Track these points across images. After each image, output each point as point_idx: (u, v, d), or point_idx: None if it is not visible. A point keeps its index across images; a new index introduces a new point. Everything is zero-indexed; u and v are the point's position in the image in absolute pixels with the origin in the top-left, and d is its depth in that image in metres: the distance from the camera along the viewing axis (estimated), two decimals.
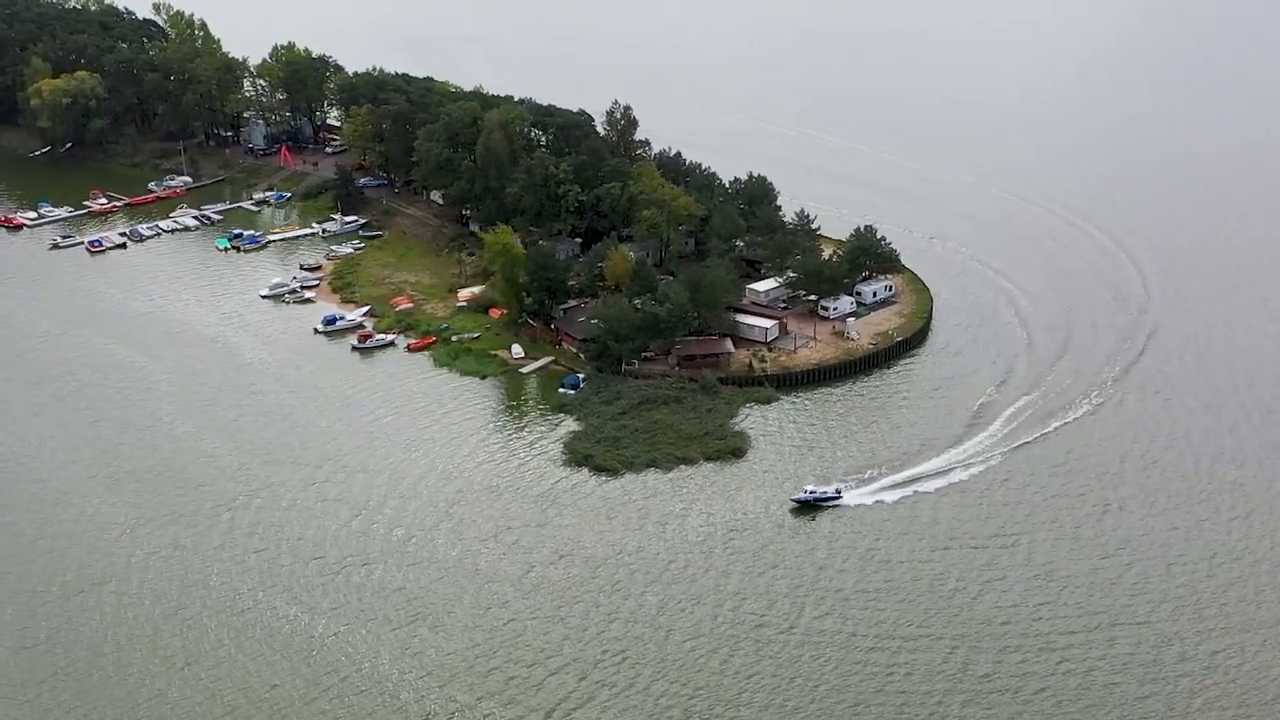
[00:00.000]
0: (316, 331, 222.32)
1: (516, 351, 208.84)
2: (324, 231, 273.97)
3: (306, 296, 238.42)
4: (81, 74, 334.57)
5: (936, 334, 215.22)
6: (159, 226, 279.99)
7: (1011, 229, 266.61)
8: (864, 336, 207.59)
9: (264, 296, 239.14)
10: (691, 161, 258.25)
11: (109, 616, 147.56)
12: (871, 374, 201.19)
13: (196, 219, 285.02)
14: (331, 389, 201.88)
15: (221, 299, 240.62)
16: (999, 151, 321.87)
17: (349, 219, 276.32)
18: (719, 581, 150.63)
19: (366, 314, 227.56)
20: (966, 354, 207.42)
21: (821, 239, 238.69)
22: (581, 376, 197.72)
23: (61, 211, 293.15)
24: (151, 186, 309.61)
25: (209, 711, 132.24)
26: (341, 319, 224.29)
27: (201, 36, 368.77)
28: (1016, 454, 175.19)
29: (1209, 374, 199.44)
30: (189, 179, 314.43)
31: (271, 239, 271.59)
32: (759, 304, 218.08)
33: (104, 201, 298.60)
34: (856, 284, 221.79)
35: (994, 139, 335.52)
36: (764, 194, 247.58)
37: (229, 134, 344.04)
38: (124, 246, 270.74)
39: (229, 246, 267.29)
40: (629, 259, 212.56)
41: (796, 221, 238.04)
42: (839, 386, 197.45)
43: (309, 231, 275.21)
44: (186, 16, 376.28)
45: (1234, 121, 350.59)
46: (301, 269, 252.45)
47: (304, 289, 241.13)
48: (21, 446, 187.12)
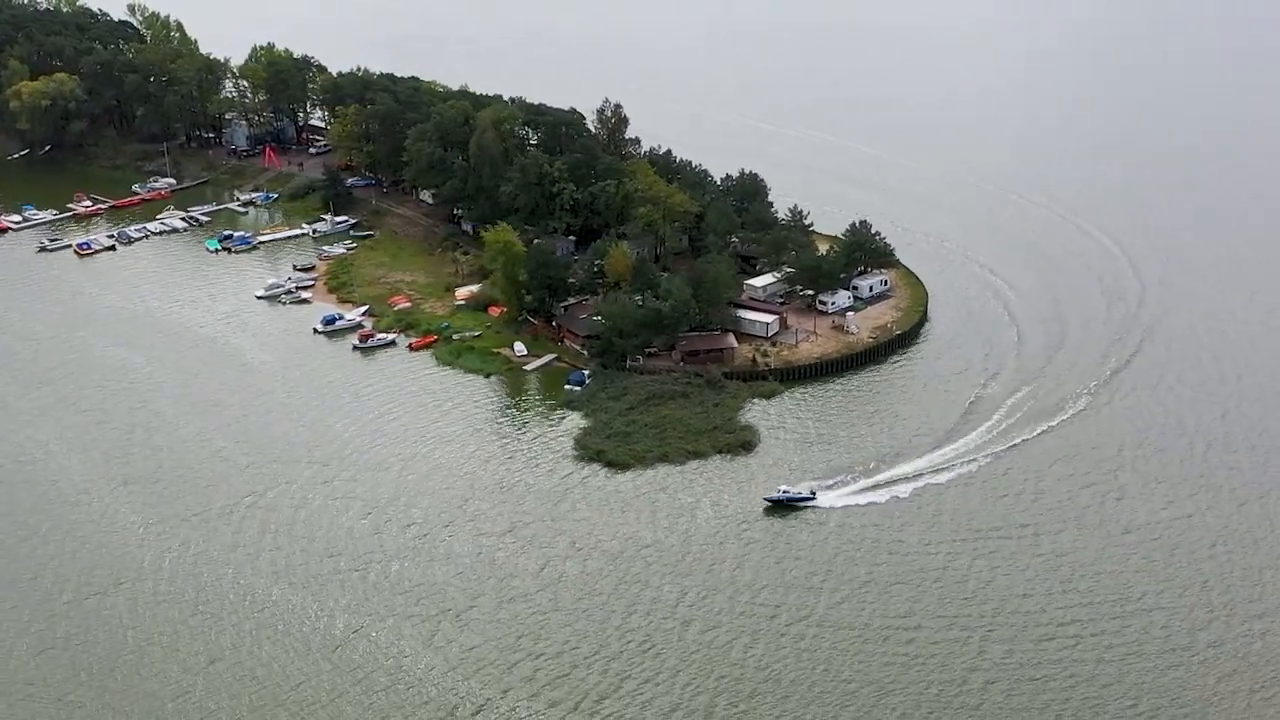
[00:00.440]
0: (316, 331, 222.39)
1: (519, 349, 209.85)
2: (314, 232, 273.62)
3: (303, 297, 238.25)
4: (60, 76, 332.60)
5: (933, 327, 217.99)
6: (147, 229, 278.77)
7: (997, 223, 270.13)
8: (863, 330, 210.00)
9: (260, 297, 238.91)
10: (681, 159, 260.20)
11: (128, 617, 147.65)
12: (872, 367, 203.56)
13: (184, 220, 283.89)
14: (336, 388, 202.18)
15: (217, 300, 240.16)
16: (980, 146, 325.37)
17: (339, 219, 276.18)
18: (735, 572, 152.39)
19: (365, 314, 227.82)
20: (964, 346, 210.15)
21: (813, 235, 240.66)
22: (587, 373, 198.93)
23: (46, 214, 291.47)
24: (136, 189, 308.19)
25: (234, 710, 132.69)
26: (341, 319, 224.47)
27: (178, 37, 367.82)
28: (1018, 445, 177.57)
29: (1199, 364, 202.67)
30: (173, 181, 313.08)
31: (262, 240, 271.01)
32: (756, 299, 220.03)
33: (88, 204, 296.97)
34: (853, 279, 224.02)
35: (974, 134, 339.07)
36: (756, 191, 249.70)
37: (210, 135, 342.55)
38: (113, 249, 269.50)
39: (219, 248, 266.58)
40: (629, 256, 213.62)
41: (790, 218, 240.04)
42: (841, 380, 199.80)
43: (299, 232, 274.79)
44: (162, 18, 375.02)
45: (1218, 113, 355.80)
46: (295, 269, 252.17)
47: (299, 289, 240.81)
48: (27, 449, 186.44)
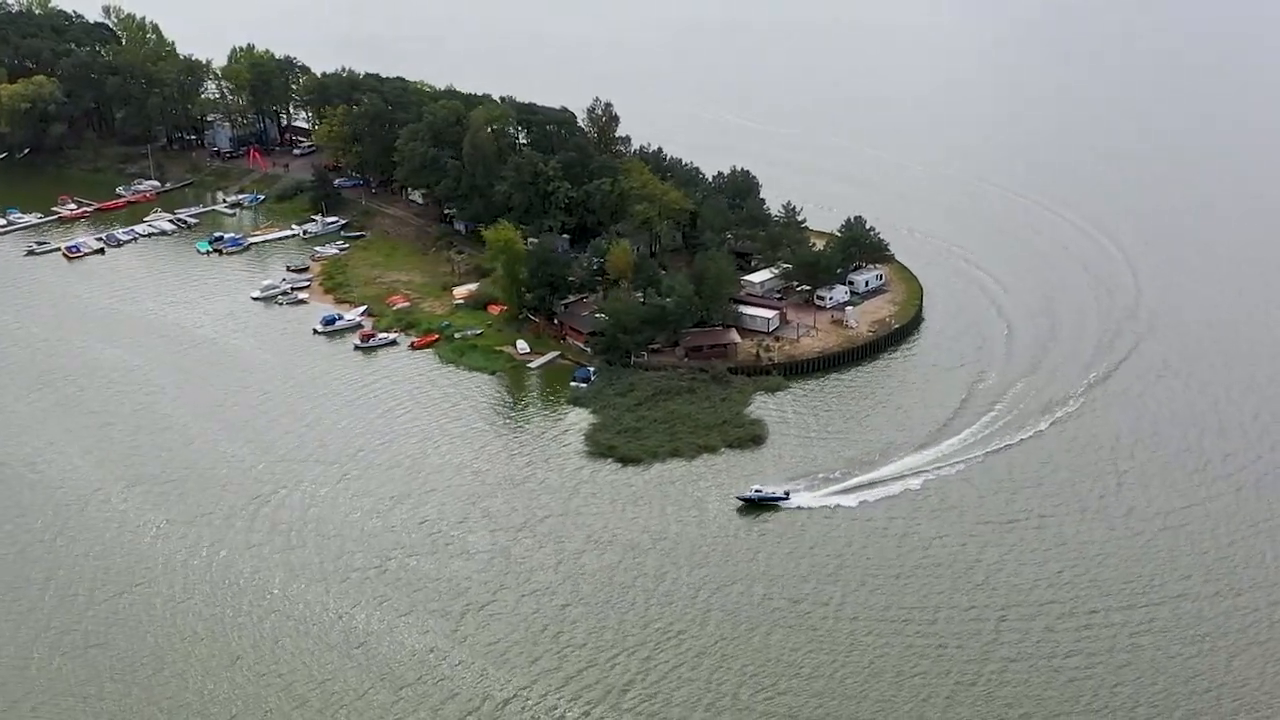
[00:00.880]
0: (316, 332, 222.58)
1: (522, 347, 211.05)
2: (305, 233, 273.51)
3: (299, 298, 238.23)
4: (39, 78, 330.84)
5: (929, 320, 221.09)
6: (135, 231, 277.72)
7: (983, 216, 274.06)
8: (862, 325, 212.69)
9: (255, 299, 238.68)
10: (672, 157, 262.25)
11: (152, 617, 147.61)
12: (872, 360, 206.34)
13: (172, 223, 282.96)
14: (340, 387, 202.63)
15: (212, 301, 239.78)
16: (959, 140, 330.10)
17: (330, 220, 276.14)
18: (751, 564, 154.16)
19: (364, 314, 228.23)
20: (961, 339, 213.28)
21: (806, 231, 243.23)
22: (592, 369, 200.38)
23: (31, 218, 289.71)
24: (120, 191, 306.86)
25: (260, 708, 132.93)
26: (340, 319, 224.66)
27: (154, 39, 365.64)
28: (1020, 436, 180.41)
29: (1189, 355, 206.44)
30: (157, 183, 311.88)
31: (253, 241, 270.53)
32: (754, 295, 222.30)
33: (73, 207, 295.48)
34: (849, 274, 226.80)
35: (952, 128, 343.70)
36: (749, 188, 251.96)
37: (192, 137, 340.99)
38: (102, 252, 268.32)
39: (210, 249, 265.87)
40: (631, 253, 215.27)
41: (783, 214, 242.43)
42: (844, 373, 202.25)
43: (290, 233, 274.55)
44: (138, 19, 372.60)
45: (1202, 107, 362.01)
46: (289, 270, 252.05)
47: (295, 290, 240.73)
48: (33, 451, 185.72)
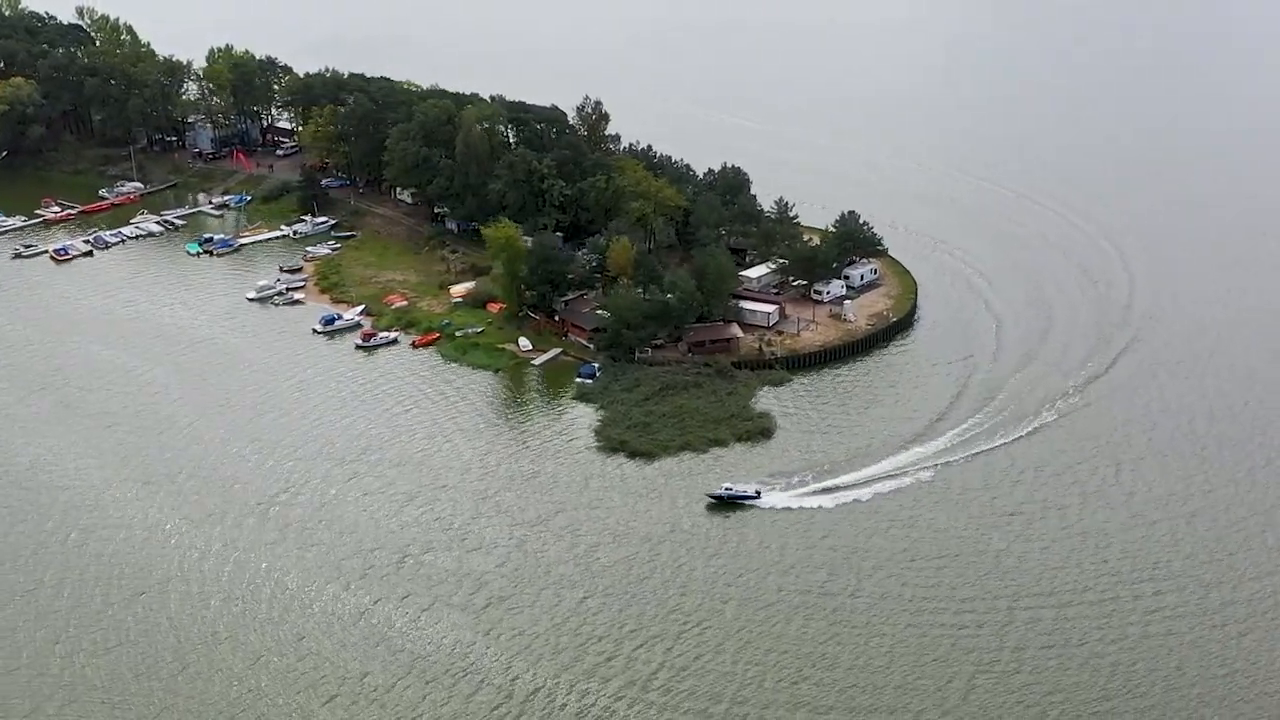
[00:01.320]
0: (315, 332, 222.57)
1: (524, 344, 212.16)
2: (295, 233, 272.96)
3: (296, 298, 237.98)
4: (17, 80, 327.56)
5: (924, 313, 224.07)
6: (122, 233, 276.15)
7: (962, 209, 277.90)
8: (860, 318, 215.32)
9: (251, 299, 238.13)
10: (662, 154, 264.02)
11: (172, 617, 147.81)
12: (872, 353, 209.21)
13: (159, 224, 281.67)
14: (344, 386, 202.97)
15: (207, 302, 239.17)
16: (936, 135, 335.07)
17: (319, 220, 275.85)
18: (767, 553, 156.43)
19: (362, 313, 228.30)
20: (957, 331, 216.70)
21: (798, 226, 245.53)
22: (597, 365, 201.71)
23: (15, 221, 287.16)
24: (103, 193, 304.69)
25: (294, 703, 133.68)
26: (340, 319, 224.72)
27: (128, 40, 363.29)
28: (1025, 426, 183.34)
29: (1177, 346, 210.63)
30: (140, 185, 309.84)
31: (242, 242, 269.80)
32: (750, 290, 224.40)
33: (56, 210, 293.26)
34: (844, 268, 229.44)
35: (928, 123, 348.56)
36: (740, 184, 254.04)
37: (173, 139, 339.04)
38: (90, 254, 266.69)
39: (200, 251, 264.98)
40: (631, 250, 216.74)
41: (775, 210, 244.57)
42: (845, 366, 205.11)
43: (279, 234, 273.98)
44: (112, 20, 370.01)
45: (1185, 103, 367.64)
46: (282, 271, 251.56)
47: (290, 291, 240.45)
48: (39, 453, 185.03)
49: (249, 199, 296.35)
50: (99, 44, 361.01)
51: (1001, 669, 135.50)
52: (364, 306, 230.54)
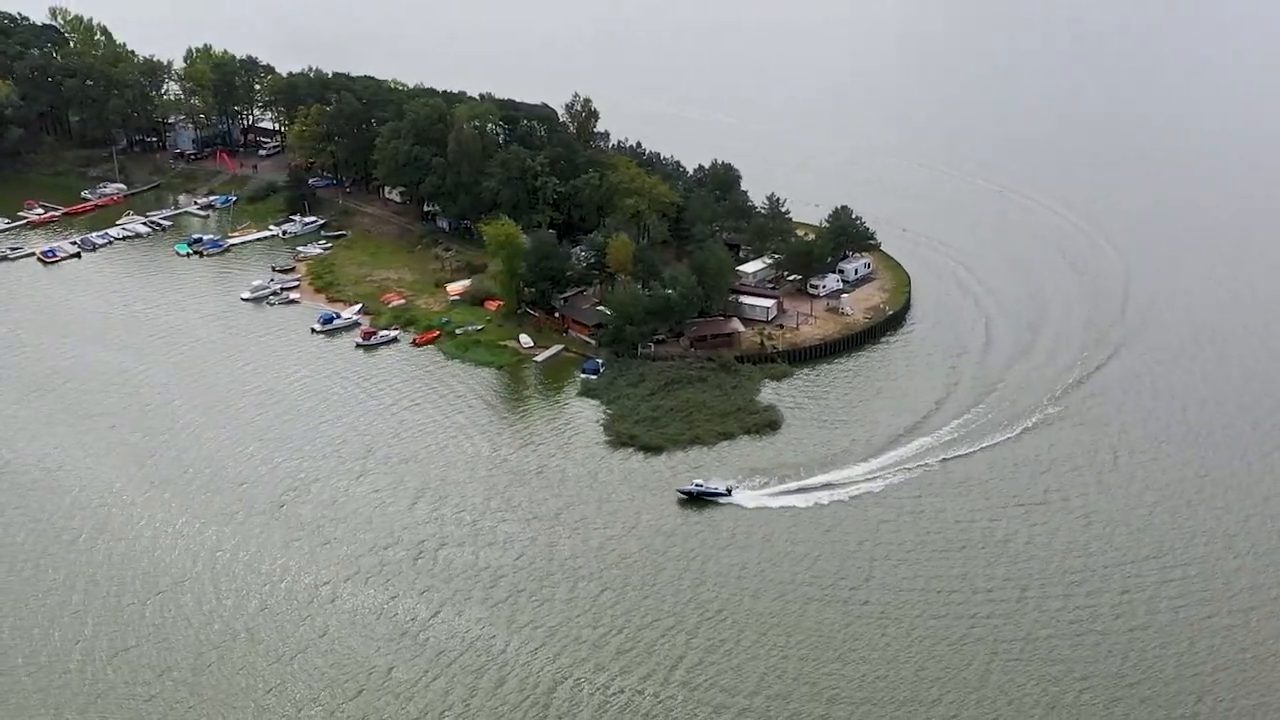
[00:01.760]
0: (314, 331, 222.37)
1: (525, 341, 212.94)
2: (285, 233, 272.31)
3: (291, 297, 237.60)
4: None
5: (918, 305, 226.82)
6: (109, 234, 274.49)
7: (943, 203, 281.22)
8: (857, 312, 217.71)
9: (246, 299, 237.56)
10: (651, 151, 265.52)
11: (197, 615, 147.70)
12: (870, 346, 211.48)
13: (146, 225, 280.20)
14: (347, 385, 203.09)
15: (202, 303, 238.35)
16: (908, 128, 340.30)
17: (309, 220, 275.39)
18: (788, 544, 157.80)
19: (360, 312, 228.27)
20: (952, 323, 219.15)
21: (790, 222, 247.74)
22: (600, 361, 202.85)
23: None
24: (86, 194, 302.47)
25: (326, 697, 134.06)
26: (338, 318, 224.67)
27: (103, 40, 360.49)
28: (1030, 416, 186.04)
29: (1171, 333, 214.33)
30: (123, 186, 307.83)
31: (232, 242, 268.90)
32: (746, 285, 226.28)
33: (40, 211, 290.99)
34: (839, 263, 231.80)
35: (896, 116, 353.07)
36: (730, 181, 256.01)
37: (153, 139, 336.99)
38: (78, 256, 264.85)
39: (190, 251, 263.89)
40: (630, 246, 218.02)
41: (768, 206, 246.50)
42: (845, 359, 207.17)
43: (269, 234, 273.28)
44: (86, 20, 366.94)
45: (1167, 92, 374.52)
46: (275, 271, 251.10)
47: (285, 290, 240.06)
48: (45, 455, 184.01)
49: (235, 199, 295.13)
50: (74, 45, 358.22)
51: (1017, 654, 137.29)
52: (361, 305, 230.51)
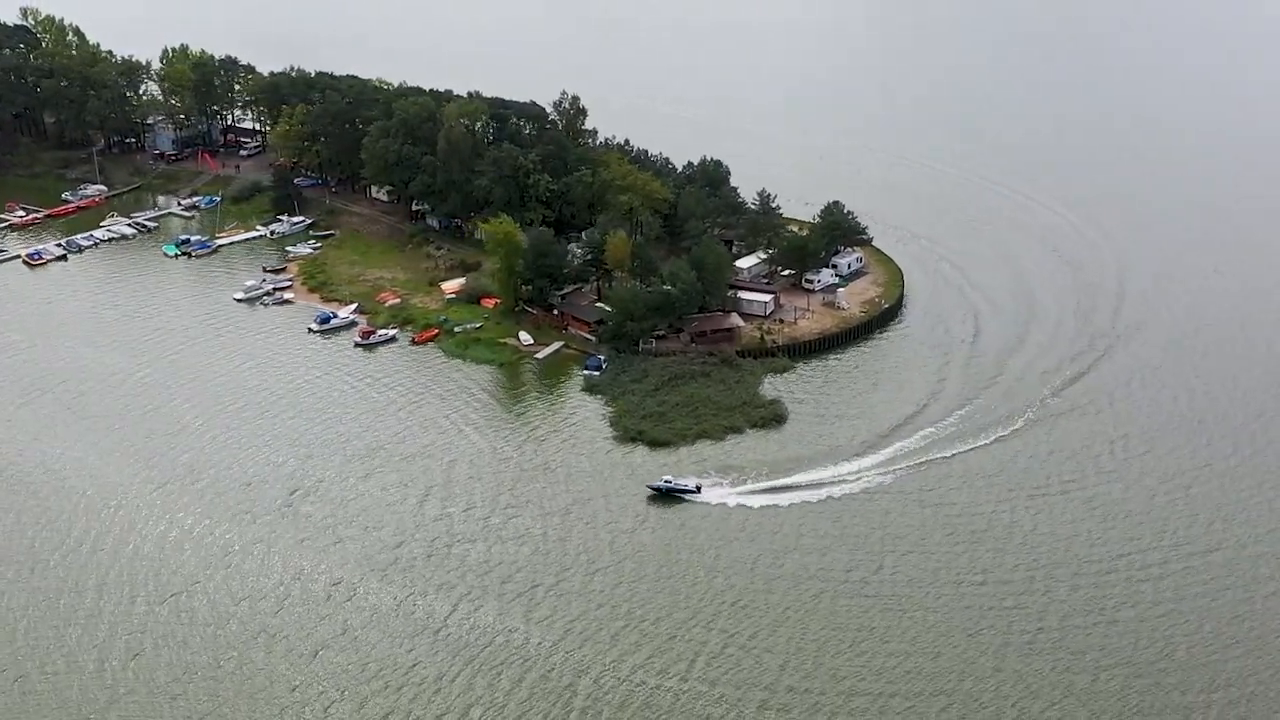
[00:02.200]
0: (311, 331, 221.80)
1: (525, 338, 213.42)
2: (272, 233, 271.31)
3: (285, 297, 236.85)
4: None
5: (912, 298, 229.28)
6: (95, 236, 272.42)
7: (926, 197, 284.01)
8: (853, 305, 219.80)
9: (239, 300, 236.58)
10: (639, 148, 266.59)
11: (215, 615, 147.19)
12: (868, 339, 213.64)
13: (131, 226, 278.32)
14: (349, 384, 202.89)
15: (194, 303, 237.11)
16: (878, 121, 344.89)
17: (296, 220, 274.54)
18: (799, 536, 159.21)
19: (356, 311, 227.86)
20: (947, 316, 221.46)
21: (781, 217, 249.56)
22: (602, 358, 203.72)
23: None
24: (66, 196, 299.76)
25: (358, 695, 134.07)
26: (335, 317, 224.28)
27: (76, 41, 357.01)
28: (1031, 407, 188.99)
29: (1160, 328, 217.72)
30: (104, 187, 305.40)
31: (219, 243, 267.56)
32: (741, 280, 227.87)
33: (21, 214, 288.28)
34: (832, 257, 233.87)
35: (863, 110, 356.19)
36: (720, 177, 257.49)
37: (132, 140, 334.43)
38: (64, 258, 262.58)
39: (179, 252, 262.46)
40: (628, 243, 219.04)
41: (758, 202, 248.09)
42: (844, 353, 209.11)
43: (256, 234, 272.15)
44: (58, 21, 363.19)
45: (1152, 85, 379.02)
46: (265, 271, 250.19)
47: (278, 290, 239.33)
48: (50, 457, 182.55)
49: (220, 200, 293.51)
50: (46, 45, 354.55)
51: (1030, 641, 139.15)
52: (357, 305, 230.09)
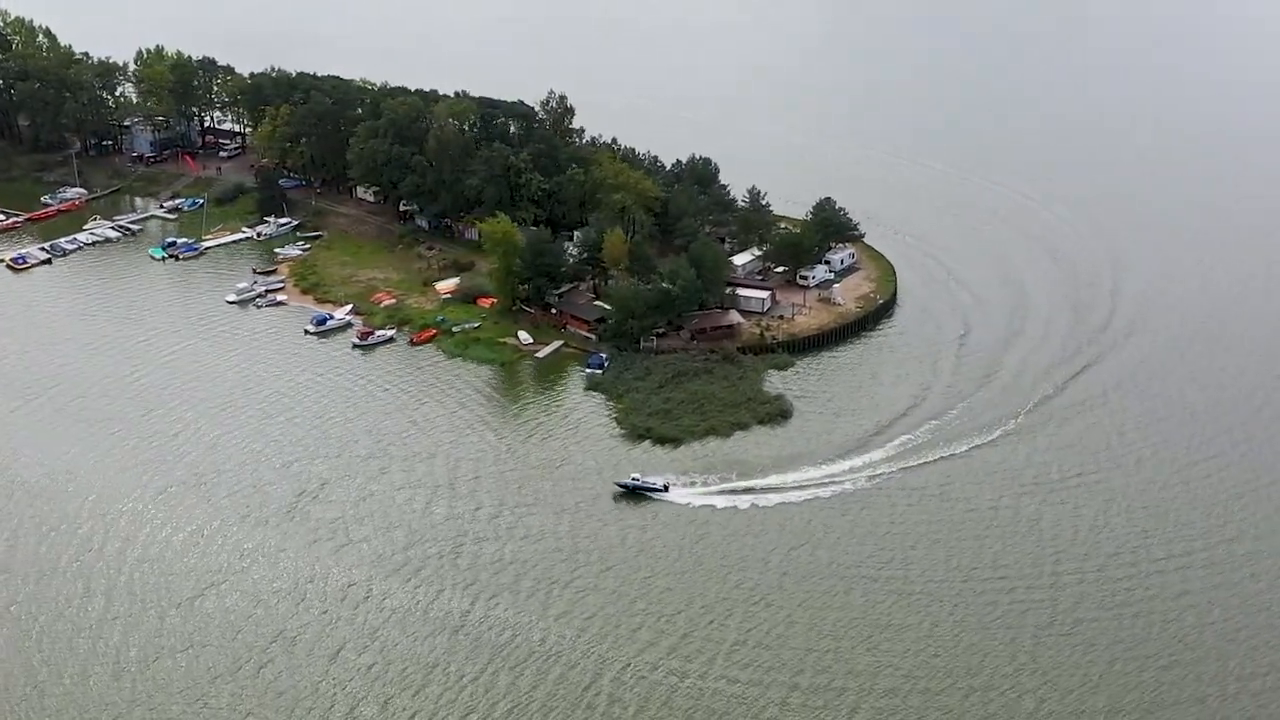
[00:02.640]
0: (307, 332, 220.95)
1: (524, 337, 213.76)
2: (259, 235, 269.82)
3: (278, 299, 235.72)
4: None
5: (906, 293, 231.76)
6: (78, 240, 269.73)
7: (915, 193, 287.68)
8: (849, 301, 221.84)
9: (231, 302, 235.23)
10: (626, 146, 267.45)
11: (237, 616, 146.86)
12: (865, 335, 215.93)
13: (115, 230, 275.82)
14: (350, 385, 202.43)
15: (186, 306, 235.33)
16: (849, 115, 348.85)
17: (283, 221, 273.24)
18: (810, 529, 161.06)
19: (351, 312, 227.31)
20: (941, 311, 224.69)
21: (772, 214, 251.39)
22: (605, 356, 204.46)
23: None
24: (46, 200, 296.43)
25: (383, 694, 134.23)
26: (331, 319, 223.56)
27: (47, 43, 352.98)
28: (1033, 402, 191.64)
29: (1158, 324, 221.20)
30: (84, 190, 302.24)
31: (206, 245, 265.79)
32: (736, 278, 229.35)
33: (2, 218, 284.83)
34: (825, 254, 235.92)
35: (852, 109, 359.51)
36: (709, 175, 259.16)
37: (109, 143, 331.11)
38: (49, 262, 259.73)
39: (165, 255, 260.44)
40: (626, 241, 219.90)
41: (748, 199, 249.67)
42: (843, 348, 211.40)
43: (243, 236, 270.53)
44: (27, 23, 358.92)
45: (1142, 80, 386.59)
46: (256, 273, 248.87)
47: (270, 292, 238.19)
48: (53, 460, 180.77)
49: (202, 202, 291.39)
50: (17, 47, 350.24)
51: (1047, 631, 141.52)
52: (352, 306, 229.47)
